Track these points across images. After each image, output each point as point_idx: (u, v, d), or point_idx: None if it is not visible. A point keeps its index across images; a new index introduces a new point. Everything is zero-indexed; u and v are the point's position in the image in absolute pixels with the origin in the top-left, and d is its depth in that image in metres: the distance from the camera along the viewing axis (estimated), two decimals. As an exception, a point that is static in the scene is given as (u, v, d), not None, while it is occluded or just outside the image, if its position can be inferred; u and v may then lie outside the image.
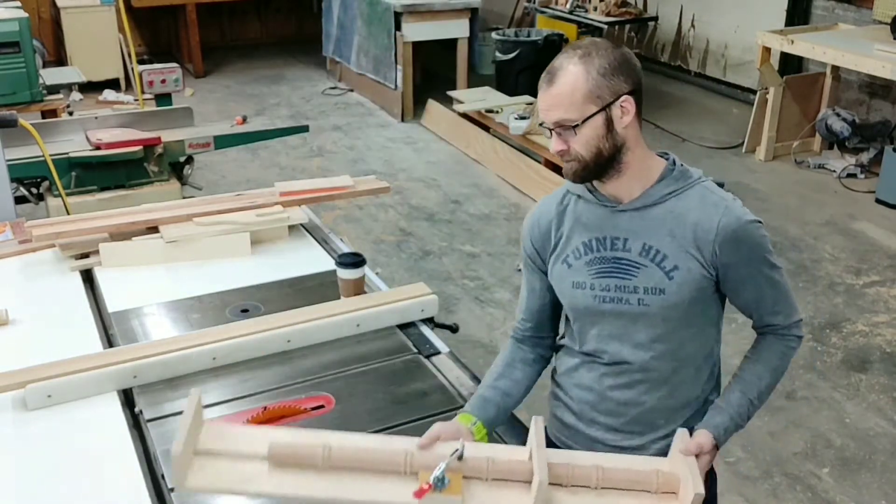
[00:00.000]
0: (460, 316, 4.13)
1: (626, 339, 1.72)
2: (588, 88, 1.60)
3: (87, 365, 1.97)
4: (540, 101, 1.65)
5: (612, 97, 1.61)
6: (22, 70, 4.66)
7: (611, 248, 1.70)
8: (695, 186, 1.70)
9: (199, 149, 4.35)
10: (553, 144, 1.66)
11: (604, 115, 1.61)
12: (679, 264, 1.66)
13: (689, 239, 1.66)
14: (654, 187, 1.69)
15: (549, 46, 6.97)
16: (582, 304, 1.73)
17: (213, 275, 2.52)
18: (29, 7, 6.23)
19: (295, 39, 9.61)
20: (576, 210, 1.76)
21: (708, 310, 1.73)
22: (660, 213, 1.68)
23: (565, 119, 1.61)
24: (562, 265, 1.75)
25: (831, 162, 6.17)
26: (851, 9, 6.64)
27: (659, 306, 1.67)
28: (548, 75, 1.63)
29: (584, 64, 1.60)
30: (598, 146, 1.63)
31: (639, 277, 1.68)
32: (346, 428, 1.83)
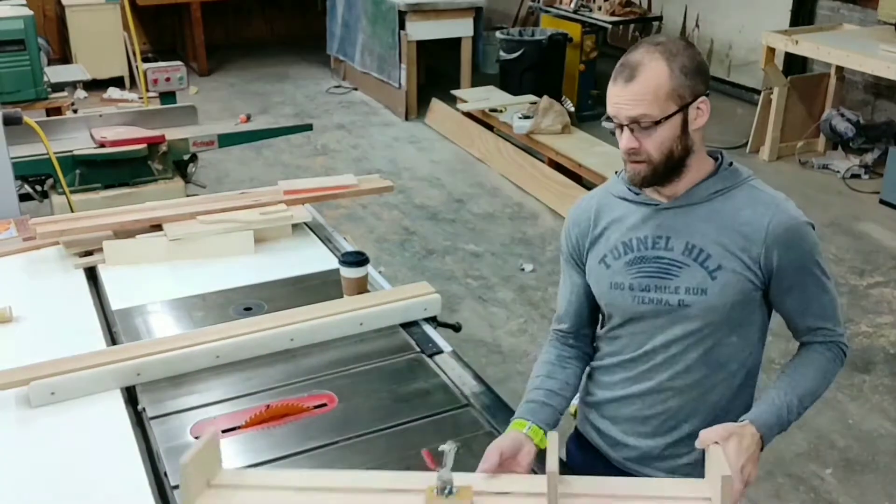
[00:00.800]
0: (463, 315, 4.13)
1: (660, 339, 1.68)
2: (672, 86, 1.55)
3: (91, 362, 1.97)
4: (615, 95, 1.59)
5: (691, 97, 1.57)
6: (27, 68, 4.66)
7: (652, 247, 1.66)
8: (743, 185, 1.65)
9: (203, 147, 4.35)
10: (624, 141, 1.59)
11: (682, 115, 1.57)
12: (723, 264, 1.61)
13: (735, 239, 1.61)
14: (700, 185, 1.64)
15: (554, 46, 6.96)
16: (620, 306, 1.69)
17: (217, 273, 2.52)
18: (34, 5, 6.23)
19: (299, 38, 9.61)
20: (616, 208, 1.72)
21: (751, 315, 1.67)
22: (705, 212, 1.63)
23: (646, 115, 1.55)
24: (600, 265, 1.71)
25: (835, 162, 6.15)
26: (856, 9, 6.62)
27: (700, 307, 1.62)
28: (626, 69, 1.58)
29: (668, 61, 1.56)
30: (671, 147, 1.58)
31: (680, 277, 1.63)
32: (348, 426, 1.84)
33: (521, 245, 5.04)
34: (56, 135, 4.04)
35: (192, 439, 1.80)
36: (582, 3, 7.40)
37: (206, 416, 1.88)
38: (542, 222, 5.35)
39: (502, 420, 1.85)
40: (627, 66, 1.59)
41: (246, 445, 1.80)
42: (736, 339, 1.67)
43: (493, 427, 1.84)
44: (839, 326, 1.70)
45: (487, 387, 2.02)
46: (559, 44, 7.00)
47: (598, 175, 5.18)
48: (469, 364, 2.14)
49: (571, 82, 7.10)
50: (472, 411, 1.92)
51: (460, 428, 1.85)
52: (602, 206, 1.74)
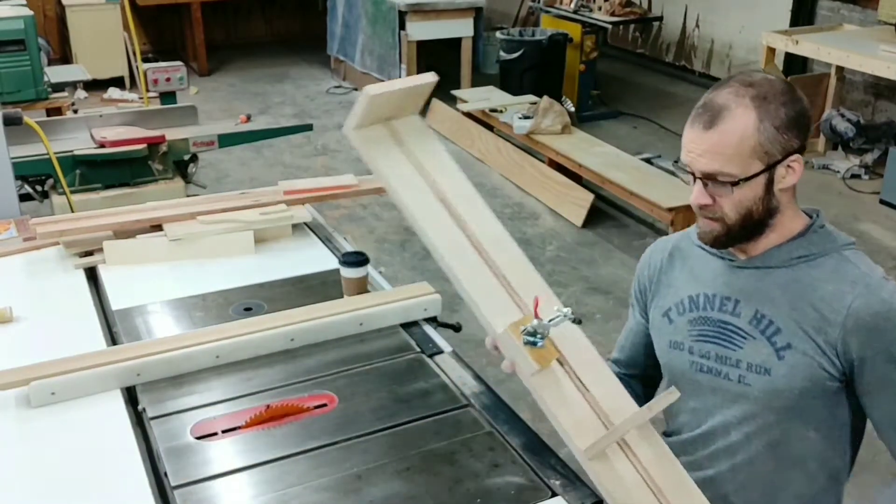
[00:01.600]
0: (463, 315, 4.11)
1: (718, 419, 1.48)
2: (758, 141, 1.33)
3: (91, 363, 1.97)
4: (690, 141, 1.37)
5: (781, 155, 1.35)
6: (27, 68, 4.66)
7: (719, 309, 1.47)
8: (834, 254, 1.42)
9: (204, 147, 4.35)
10: (695, 196, 1.38)
11: (767, 174, 1.35)
12: (793, 343, 1.39)
13: (810, 316, 1.38)
14: (782, 247, 1.43)
15: (554, 46, 6.97)
16: (678, 368, 1.52)
17: (217, 273, 2.52)
18: (34, 5, 6.24)
19: (299, 38, 9.61)
20: (691, 256, 1.54)
21: (834, 409, 1.43)
22: (783, 278, 1.42)
23: (723, 173, 1.34)
24: (663, 318, 1.55)
25: (836, 163, 6.16)
26: (856, 9, 6.63)
27: (761, 389, 1.42)
28: (707, 113, 1.35)
29: (759, 109, 1.33)
30: (750, 209, 1.37)
31: (744, 349, 1.43)
32: (348, 427, 1.84)
33: (522, 245, 4.97)
34: (56, 135, 4.04)
35: (193, 440, 1.80)
36: (582, 3, 7.40)
37: (207, 416, 1.88)
38: (542, 222, 5.35)
39: (503, 420, 1.85)
40: (709, 109, 1.36)
41: (246, 445, 1.80)
42: (814, 435, 1.45)
43: (493, 427, 1.84)
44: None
45: (488, 387, 2.02)
46: (559, 44, 7.00)
47: (597, 175, 5.18)
48: (469, 364, 2.14)
49: (571, 82, 7.10)
50: (473, 411, 1.91)
51: (460, 428, 1.85)
52: (678, 250, 1.58)
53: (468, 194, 1.45)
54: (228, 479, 1.70)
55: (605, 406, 1.29)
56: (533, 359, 1.25)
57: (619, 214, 5.42)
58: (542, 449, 1.75)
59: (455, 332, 2.39)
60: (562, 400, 1.27)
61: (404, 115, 1.46)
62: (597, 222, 5.26)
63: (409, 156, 1.44)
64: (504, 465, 1.72)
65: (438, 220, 1.40)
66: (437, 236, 1.38)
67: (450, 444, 1.79)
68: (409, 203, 1.40)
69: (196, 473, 1.70)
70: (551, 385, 1.28)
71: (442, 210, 1.41)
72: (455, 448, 1.78)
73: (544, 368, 1.26)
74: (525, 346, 1.25)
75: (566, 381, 1.29)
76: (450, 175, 1.45)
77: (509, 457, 1.74)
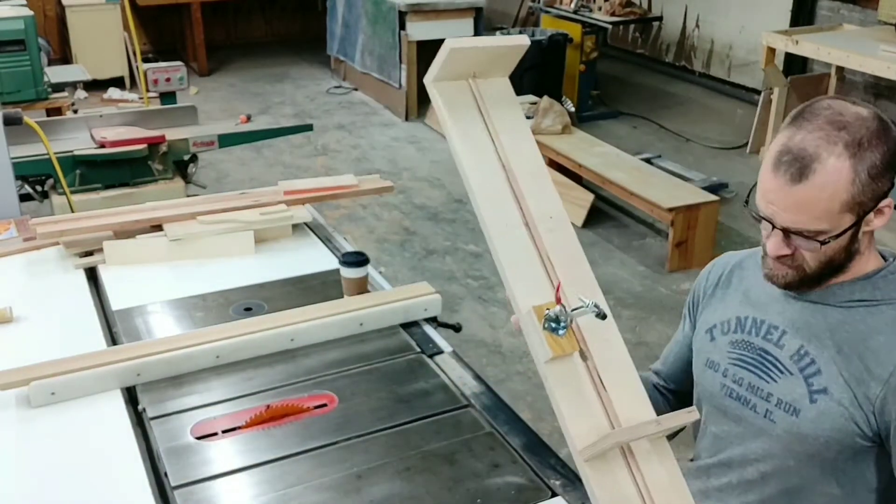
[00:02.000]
0: (463, 315, 4.13)
1: (738, 450, 1.41)
2: (852, 195, 1.21)
3: (91, 363, 1.97)
4: (773, 192, 1.24)
5: (873, 202, 1.24)
6: (27, 68, 4.67)
7: (763, 337, 1.39)
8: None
9: (204, 147, 4.36)
10: (774, 247, 1.28)
11: (856, 226, 1.25)
12: (830, 389, 1.30)
13: (855, 366, 1.29)
14: (845, 285, 1.33)
15: (554, 46, 6.96)
16: (709, 389, 1.45)
17: (217, 273, 2.52)
18: (34, 5, 6.24)
19: (299, 38, 9.62)
20: (751, 274, 1.46)
21: (861, 467, 1.33)
22: (837, 319, 1.32)
23: (812, 231, 1.24)
24: (706, 334, 1.48)
25: (836, 163, 6.16)
26: (856, 9, 6.63)
27: (785, 429, 1.34)
28: (796, 164, 1.21)
29: (853, 160, 1.21)
30: (832, 259, 1.28)
31: (778, 384, 1.36)
32: (348, 427, 1.84)
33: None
34: (56, 135, 4.04)
35: (193, 440, 1.80)
36: (582, 3, 7.40)
37: (207, 416, 1.88)
38: (542, 222, 5.35)
39: (503, 420, 1.85)
40: (798, 159, 1.21)
41: (246, 445, 1.80)
42: (838, 492, 1.35)
43: (493, 427, 1.84)
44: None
45: (488, 387, 2.01)
46: (559, 44, 7.00)
47: (597, 175, 5.18)
48: (469, 364, 2.14)
49: (571, 83, 7.10)
50: (473, 412, 1.91)
51: (460, 428, 1.85)
52: (740, 268, 1.50)
53: (535, 170, 1.38)
54: (228, 479, 1.70)
55: (619, 410, 1.21)
56: (549, 345, 1.19)
57: (619, 214, 5.43)
58: (542, 449, 1.75)
59: (455, 333, 2.39)
60: (571, 394, 1.20)
61: (492, 76, 1.39)
62: (597, 222, 5.26)
63: (486, 118, 1.37)
64: (504, 465, 1.72)
65: (495, 191, 1.34)
66: (487, 207, 1.32)
67: (450, 445, 1.79)
68: (470, 168, 1.33)
69: (196, 473, 1.70)
70: (564, 376, 1.21)
71: (503, 181, 1.34)
72: (455, 448, 1.78)
73: (558, 357, 1.19)
74: (544, 330, 1.19)
75: (583, 377, 1.22)
76: (522, 146, 1.38)
77: (509, 457, 1.74)
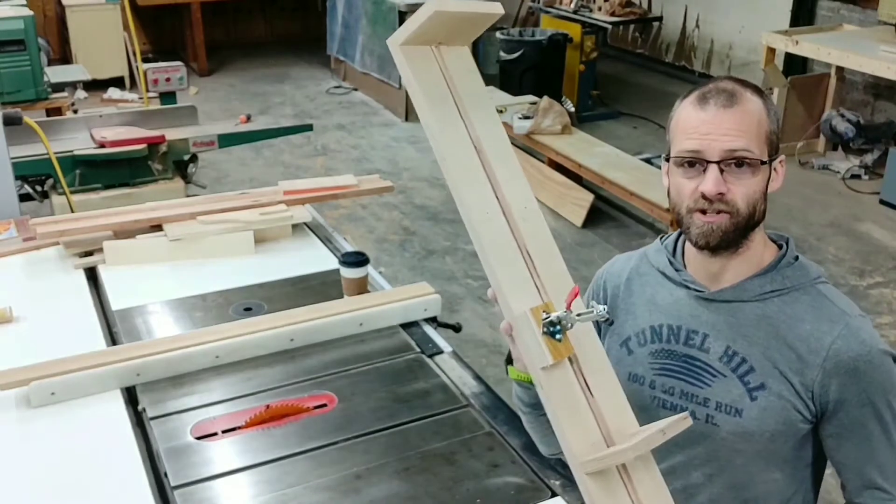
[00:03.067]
0: (463, 315, 4.13)
1: (679, 458, 1.40)
2: (769, 128, 1.30)
3: (91, 363, 1.97)
4: (705, 123, 1.29)
5: (776, 148, 1.33)
6: (27, 68, 4.67)
7: (685, 343, 1.39)
8: (809, 289, 1.35)
9: (203, 147, 4.36)
10: (712, 183, 1.28)
11: (768, 168, 1.31)
12: (768, 384, 1.32)
13: (787, 357, 1.32)
14: (755, 279, 1.36)
15: (554, 46, 6.97)
16: (637, 403, 1.35)
17: (217, 273, 2.52)
18: (34, 5, 6.24)
19: (300, 38, 9.61)
20: (651, 283, 1.46)
21: (800, 450, 1.38)
22: (756, 314, 1.34)
23: (749, 151, 1.28)
24: (620, 349, 1.45)
25: (835, 163, 6.16)
26: (856, 10, 6.63)
27: (730, 431, 1.35)
28: (722, 94, 1.29)
29: (763, 100, 1.32)
30: (756, 205, 1.31)
31: (713, 388, 1.35)
32: (348, 427, 1.84)
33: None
34: (56, 135, 4.05)
35: (193, 440, 1.80)
36: (582, 3, 7.40)
37: (207, 416, 1.88)
38: (542, 223, 5.35)
39: (502, 420, 1.85)
40: (722, 92, 1.30)
41: (246, 446, 1.80)
42: (780, 476, 1.39)
43: (493, 427, 1.84)
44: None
45: (487, 387, 2.01)
46: (559, 44, 7.00)
47: (598, 175, 5.18)
48: (469, 364, 2.14)
49: (571, 83, 7.10)
50: (472, 411, 1.91)
51: (460, 428, 1.85)
52: (637, 273, 1.49)
53: (505, 153, 1.30)
54: (228, 479, 1.70)
55: (607, 416, 1.19)
56: (549, 351, 1.14)
57: (619, 214, 5.43)
58: (541, 449, 1.75)
59: (455, 333, 2.39)
60: (569, 401, 1.18)
61: (455, 44, 1.32)
62: (597, 222, 5.26)
63: (454, 93, 1.29)
64: (504, 465, 1.72)
65: (473, 175, 1.26)
66: (467, 192, 1.25)
67: (449, 444, 1.79)
68: (446, 149, 1.27)
69: (196, 473, 1.70)
70: (560, 382, 1.17)
71: (479, 165, 1.27)
72: (455, 448, 1.78)
73: (557, 363, 1.15)
74: (544, 335, 1.15)
75: (574, 382, 1.19)
76: (490, 126, 1.31)
77: (509, 457, 1.74)
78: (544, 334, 1.15)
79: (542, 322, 1.15)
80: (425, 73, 1.28)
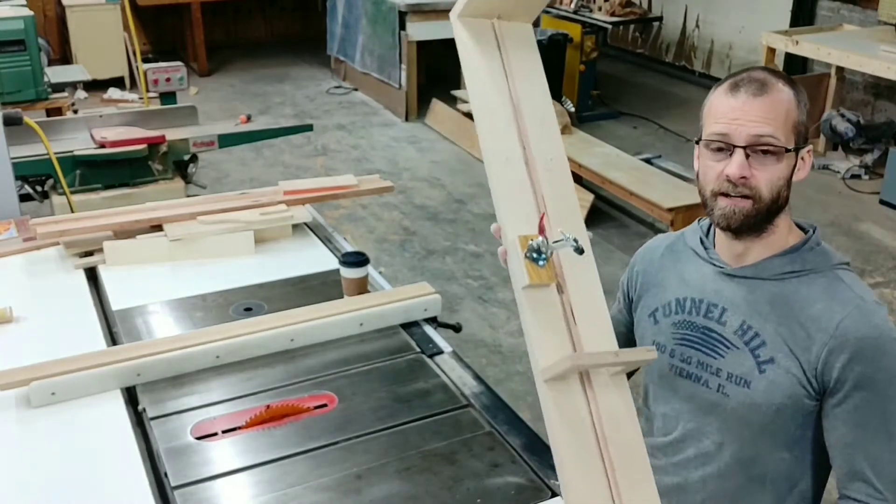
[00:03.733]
0: (464, 315, 4.13)
1: (692, 426, 1.47)
2: (797, 118, 1.36)
3: (91, 363, 1.97)
4: (734, 109, 1.36)
5: (803, 141, 1.38)
6: (27, 68, 4.67)
7: (704, 315, 1.45)
8: (828, 273, 1.40)
9: (204, 147, 4.36)
10: (737, 167, 1.34)
11: (795, 157, 1.36)
12: (777, 358, 1.37)
13: (798, 334, 1.36)
14: (775, 258, 1.41)
15: (554, 46, 6.96)
16: (657, 370, 1.50)
17: (217, 273, 2.53)
18: (34, 5, 6.24)
19: (300, 38, 9.62)
20: (681, 260, 1.53)
21: (808, 431, 1.41)
22: (773, 292, 1.40)
23: (774, 138, 1.33)
24: (648, 318, 1.54)
25: (836, 163, 6.16)
26: (856, 10, 6.63)
27: (739, 401, 1.40)
28: (753, 83, 1.36)
29: (793, 90, 1.37)
30: (779, 192, 1.36)
31: (726, 359, 1.42)
32: (348, 427, 1.84)
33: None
34: (56, 135, 4.05)
35: (193, 440, 1.80)
36: (582, 3, 7.40)
37: (207, 416, 1.88)
38: (542, 223, 5.35)
39: (502, 420, 1.85)
40: (753, 81, 1.36)
41: (246, 446, 1.80)
42: (788, 456, 1.43)
43: (493, 427, 1.84)
44: (891, 496, 1.35)
45: (487, 387, 2.01)
46: (559, 44, 7.00)
47: (598, 175, 5.18)
48: (469, 364, 2.14)
49: (571, 82, 7.10)
50: (473, 412, 1.91)
51: (460, 428, 1.85)
52: (671, 251, 1.56)
53: (545, 116, 1.41)
54: (228, 480, 1.70)
55: (585, 344, 1.27)
56: (528, 272, 1.25)
57: (619, 214, 5.43)
58: (542, 449, 1.75)
59: (455, 333, 2.39)
60: (542, 320, 1.26)
61: (516, 20, 1.42)
62: (597, 222, 5.26)
63: (504, 59, 1.41)
64: (504, 465, 1.72)
65: (501, 126, 1.39)
66: (489, 138, 1.38)
67: (450, 444, 1.79)
68: (479, 100, 1.40)
69: (196, 474, 1.70)
70: (538, 303, 1.27)
71: (510, 119, 1.39)
72: (455, 448, 1.78)
73: (535, 285, 1.25)
74: (525, 259, 1.26)
75: (556, 308, 1.28)
76: (535, 92, 1.42)
77: (509, 457, 1.74)
78: (526, 258, 1.26)
79: (526, 248, 1.26)
80: (476, 36, 1.40)
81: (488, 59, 1.41)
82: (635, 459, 1.23)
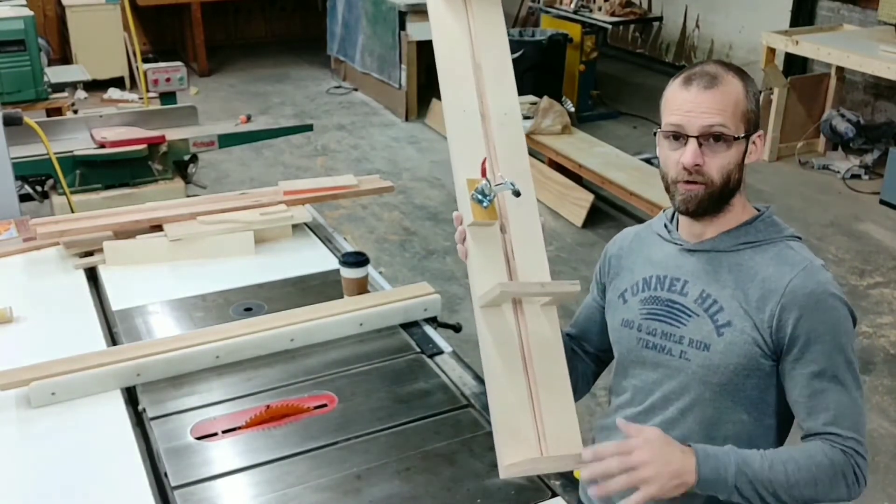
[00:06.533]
0: (463, 315, 4.13)
1: (658, 394, 1.54)
2: (747, 107, 1.46)
3: (91, 363, 1.98)
4: (688, 101, 1.47)
5: (753, 128, 1.48)
6: (27, 68, 4.67)
7: (668, 289, 1.55)
8: (778, 242, 1.51)
9: (204, 147, 4.36)
10: (691, 155, 1.44)
11: (745, 143, 1.47)
12: (733, 321, 1.47)
13: (751, 296, 1.46)
14: (730, 232, 1.53)
15: (554, 46, 6.96)
16: (626, 345, 1.59)
17: (217, 273, 2.53)
18: (34, 5, 6.24)
19: (300, 39, 9.61)
20: (649, 243, 1.63)
21: (765, 393, 1.49)
22: (729, 262, 1.51)
23: (724, 127, 1.44)
24: (619, 300, 1.62)
25: (836, 163, 6.16)
26: (856, 10, 6.63)
27: (700, 364, 1.49)
28: (705, 77, 1.47)
29: (743, 81, 1.48)
30: (731, 175, 1.47)
31: (688, 326, 1.51)
32: (348, 427, 1.84)
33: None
34: (56, 135, 4.05)
35: (193, 440, 1.81)
36: (582, 3, 7.40)
37: (207, 416, 1.88)
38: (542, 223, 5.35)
39: (502, 420, 1.85)
40: (705, 74, 1.47)
41: (246, 446, 1.80)
42: (747, 418, 1.51)
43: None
44: (853, 431, 1.42)
45: (487, 387, 2.01)
46: (559, 44, 7.00)
47: (598, 175, 5.18)
48: (469, 364, 2.14)
49: (571, 83, 7.10)
50: (472, 412, 1.92)
51: (460, 428, 1.85)
52: (639, 238, 1.67)
53: (501, 70, 1.58)
54: (228, 480, 1.70)
55: (521, 277, 1.45)
56: (473, 211, 1.43)
57: (619, 214, 5.43)
58: (541, 449, 1.75)
59: (455, 333, 2.39)
60: (483, 253, 1.44)
61: None
62: (597, 222, 5.26)
63: (469, 17, 1.58)
64: (504, 466, 1.72)
65: (461, 79, 1.54)
66: (450, 92, 1.53)
67: (450, 444, 1.79)
68: (443, 61, 1.55)
69: (196, 474, 1.70)
70: (481, 239, 1.45)
71: (470, 72, 1.55)
72: (455, 448, 1.78)
73: (479, 223, 1.43)
74: (471, 200, 1.44)
75: (498, 244, 1.46)
76: (494, 46, 1.58)
77: (509, 457, 1.74)
78: (472, 199, 1.44)
79: (473, 190, 1.44)
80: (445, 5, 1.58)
81: (454, 16, 1.57)
82: (556, 378, 1.41)
